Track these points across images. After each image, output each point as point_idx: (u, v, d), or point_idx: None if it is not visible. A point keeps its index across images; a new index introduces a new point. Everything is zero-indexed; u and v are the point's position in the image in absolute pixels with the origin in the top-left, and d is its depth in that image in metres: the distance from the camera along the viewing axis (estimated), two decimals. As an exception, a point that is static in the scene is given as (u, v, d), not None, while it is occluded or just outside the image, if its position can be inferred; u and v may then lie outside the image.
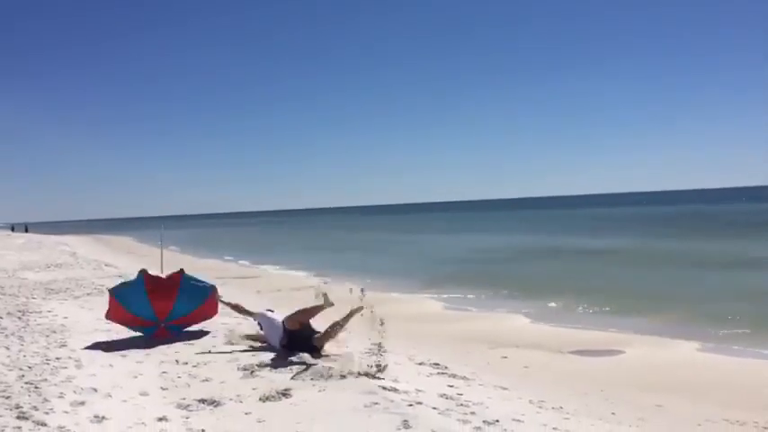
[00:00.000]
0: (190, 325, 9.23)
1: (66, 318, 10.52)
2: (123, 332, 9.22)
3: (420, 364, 7.92)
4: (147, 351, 7.98)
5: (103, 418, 5.22)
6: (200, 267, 25.85)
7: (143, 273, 8.94)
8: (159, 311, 8.82)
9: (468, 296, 15.88)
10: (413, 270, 22.27)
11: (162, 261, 11.97)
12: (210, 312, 9.33)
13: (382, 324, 6.94)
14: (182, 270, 9.08)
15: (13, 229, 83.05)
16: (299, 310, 7.68)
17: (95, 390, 6.06)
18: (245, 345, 8.21)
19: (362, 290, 7.30)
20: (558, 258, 25.01)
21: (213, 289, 9.22)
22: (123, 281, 10.03)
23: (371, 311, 7.06)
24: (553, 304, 14.05)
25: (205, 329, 9.45)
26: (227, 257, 31.38)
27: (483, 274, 20.00)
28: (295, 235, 61.02)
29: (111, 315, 8.88)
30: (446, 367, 7.77)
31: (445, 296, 15.93)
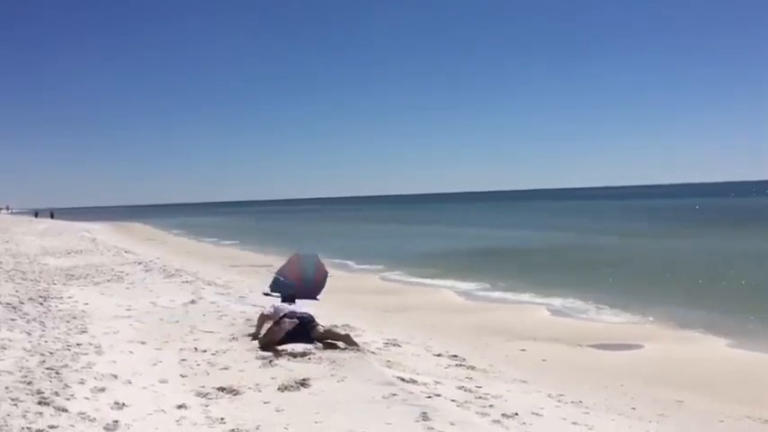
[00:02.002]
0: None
1: (86, 304, 10.61)
2: (143, 318, 9.30)
3: (438, 355, 7.89)
4: (167, 338, 8.03)
5: (123, 404, 5.25)
6: (216, 255, 26.07)
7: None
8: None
9: (486, 287, 15.83)
10: (430, 260, 22.24)
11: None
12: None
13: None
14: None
15: (36, 215, 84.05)
16: (327, 330, 7.63)
17: (115, 376, 6.09)
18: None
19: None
20: (577, 250, 24.83)
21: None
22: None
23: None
24: (572, 297, 13.94)
25: (224, 315, 9.50)
26: (247, 246, 31.51)
27: (500, 265, 19.91)
28: (310, 224, 61.12)
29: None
30: (464, 359, 7.74)
31: (463, 287, 15.88)
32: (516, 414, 5.25)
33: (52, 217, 76.50)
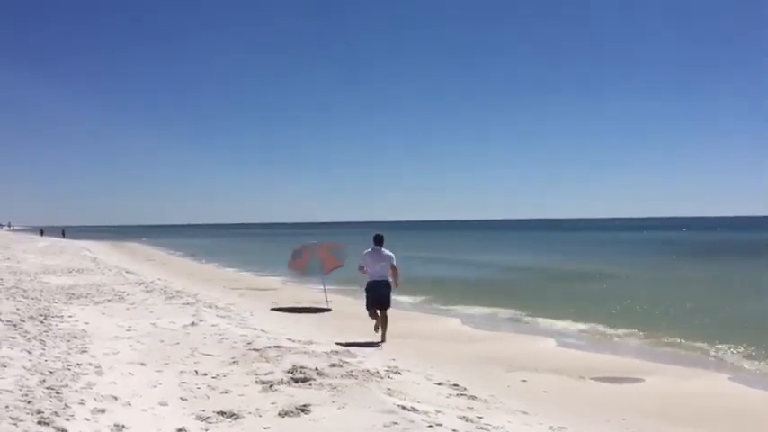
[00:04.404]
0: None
1: (86, 323, 10.60)
2: (144, 339, 9.28)
3: (439, 384, 7.84)
4: (167, 360, 8.00)
5: (123, 426, 5.22)
6: (217, 276, 26.02)
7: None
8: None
9: (489, 316, 15.78)
10: (433, 287, 22.19)
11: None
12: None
13: None
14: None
15: (42, 233, 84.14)
16: None
17: (115, 398, 6.07)
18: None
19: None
20: (580, 281, 24.76)
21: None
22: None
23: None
24: (575, 328, 13.89)
25: (225, 338, 9.48)
26: (250, 269, 31.48)
27: (503, 294, 19.85)
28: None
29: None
30: (465, 388, 7.68)
31: (465, 315, 15.83)
32: (518, 446, 5.20)
33: (63, 235, 76.62)
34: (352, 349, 9.42)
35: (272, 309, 15.79)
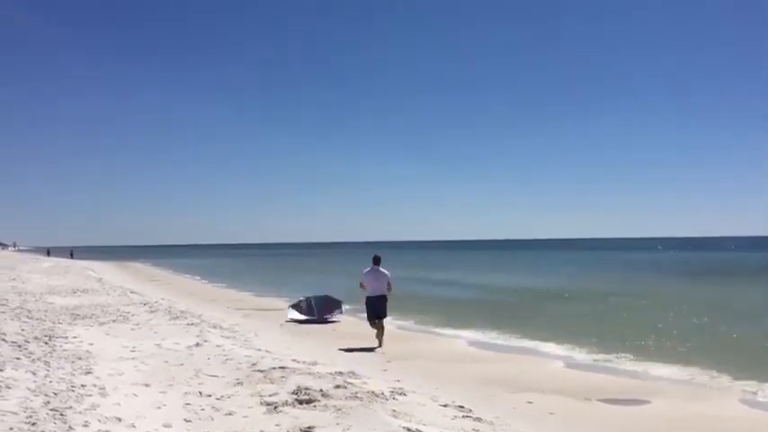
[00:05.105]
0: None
1: (91, 344, 10.58)
2: (148, 360, 9.26)
3: (444, 405, 7.79)
4: (171, 381, 7.98)
5: (127, 448, 5.20)
6: (220, 297, 25.98)
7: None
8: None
9: (493, 336, 15.70)
10: (439, 307, 22.15)
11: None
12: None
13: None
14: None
15: (48, 253, 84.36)
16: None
17: (119, 419, 6.05)
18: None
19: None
20: (588, 301, 24.66)
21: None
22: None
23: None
24: (580, 349, 13.80)
25: (229, 359, 9.46)
26: (254, 289, 31.44)
27: (507, 315, 19.78)
28: (315, 268, 60.92)
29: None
30: (471, 410, 7.63)
31: (470, 336, 15.77)
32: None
33: (72, 256, 76.76)
34: (356, 370, 9.37)
35: (286, 321, 17.43)
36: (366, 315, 13.76)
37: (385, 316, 13.63)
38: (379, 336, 13.49)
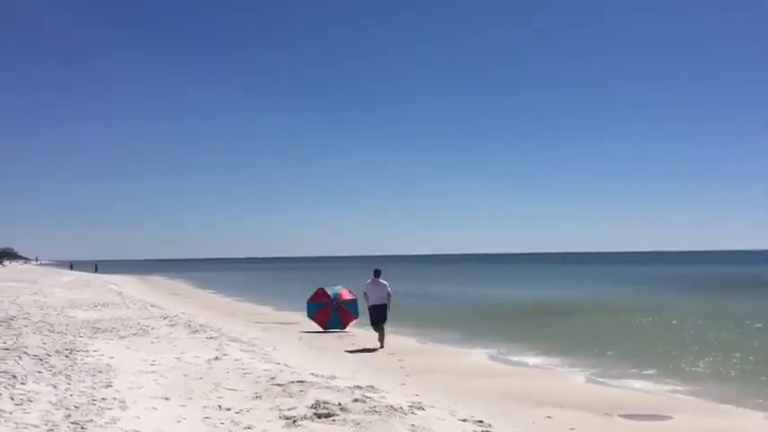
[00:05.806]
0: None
1: (111, 357, 10.67)
2: (167, 374, 9.31)
3: (463, 420, 7.74)
4: (191, 395, 8.02)
5: (147, 462, 5.23)
6: (239, 310, 26.08)
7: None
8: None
9: (512, 350, 15.58)
10: (458, 321, 22.05)
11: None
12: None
13: None
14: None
15: (71, 267, 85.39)
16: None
17: (139, 433, 6.08)
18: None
19: None
20: (606, 315, 24.41)
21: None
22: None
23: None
24: (600, 363, 13.66)
25: (248, 373, 9.48)
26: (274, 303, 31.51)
27: (527, 329, 19.65)
28: (322, 281, 60.90)
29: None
30: (490, 425, 7.58)
31: (488, 349, 15.67)
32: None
33: (96, 270, 78.02)
34: (375, 384, 9.35)
35: (302, 332, 17.99)
36: (370, 321, 15.65)
37: (385, 321, 15.32)
38: (381, 338, 15.18)
